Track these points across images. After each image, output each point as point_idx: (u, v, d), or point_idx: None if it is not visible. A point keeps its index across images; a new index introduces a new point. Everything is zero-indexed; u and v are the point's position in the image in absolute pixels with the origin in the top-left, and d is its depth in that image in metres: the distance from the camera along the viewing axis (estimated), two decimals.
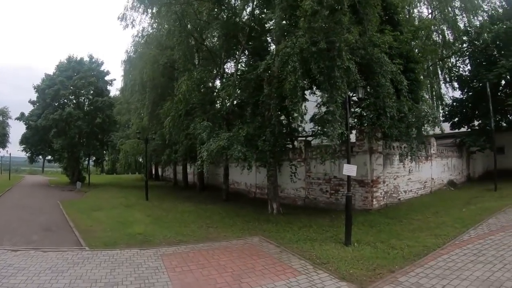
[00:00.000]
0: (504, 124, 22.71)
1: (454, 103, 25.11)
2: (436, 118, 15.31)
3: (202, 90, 16.91)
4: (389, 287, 6.19)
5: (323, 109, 14.12)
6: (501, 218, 11.32)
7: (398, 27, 15.21)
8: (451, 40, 25.28)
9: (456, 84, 25.97)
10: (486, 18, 23.57)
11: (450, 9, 24.54)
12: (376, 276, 6.73)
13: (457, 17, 24.73)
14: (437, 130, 18.51)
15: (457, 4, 24.54)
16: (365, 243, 9.10)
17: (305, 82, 11.79)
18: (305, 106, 13.26)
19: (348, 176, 9.76)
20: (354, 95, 12.91)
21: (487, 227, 10.25)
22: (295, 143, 19.20)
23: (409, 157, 14.50)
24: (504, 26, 20.64)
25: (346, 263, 7.43)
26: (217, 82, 20.18)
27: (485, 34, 21.29)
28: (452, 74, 26.13)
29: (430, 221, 11.68)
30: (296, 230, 11.00)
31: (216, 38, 19.16)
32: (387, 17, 14.80)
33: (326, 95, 10.72)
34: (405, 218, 12.25)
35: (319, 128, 13.83)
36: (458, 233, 9.63)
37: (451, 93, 26.85)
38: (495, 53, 21.68)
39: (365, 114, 14.59)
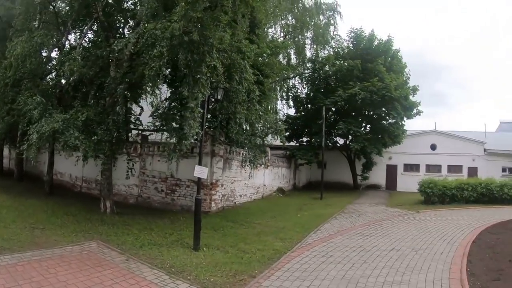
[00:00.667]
0: (330, 144, 26.82)
1: (288, 119, 28.25)
2: (282, 131, 16.56)
3: (38, 59, 13.83)
4: None
5: (166, 103, 13.50)
6: (335, 223, 12.90)
7: (257, 40, 15.99)
8: (295, 64, 28.42)
9: (291, 103, 29.42)
10: (332, 53, 27.64)
11: (301, 37, 27.71)
12: (239, 282, 6.48)
13: (306, 46, 28.23)
14: (278, 141, 20.24)
15: (309, 35, 28.03)
16: (215, 248, 8.82)
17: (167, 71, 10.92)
18: (161, 97, 12.29)
19: (198, 179, 9.42)
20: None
21: (325, 231, 11.42)
22: (130, 136, 17.75)
23: (250, 164, 15.18)
24: (346, 64, 24.66)
25: (204, 271, 6.94)
26: (53, 54, 16.92)
27: (328, 66, 24.86)
28: (290, 94, 29.41)
29: (271, 225, 12.33)
30: (137, 233, 9.84)
31: (66, 3, 16.12)
32: (248, 28, 15.37)
33: (186, 90, 10.11)
34: (246, 222, 12.61)
35: (163, 123, 13.00)
36: (301, 237, 10.32)
37: (285, 110, 30.27)
38: (333, 84, 25.46)
39: (211, 115, 14.57)
